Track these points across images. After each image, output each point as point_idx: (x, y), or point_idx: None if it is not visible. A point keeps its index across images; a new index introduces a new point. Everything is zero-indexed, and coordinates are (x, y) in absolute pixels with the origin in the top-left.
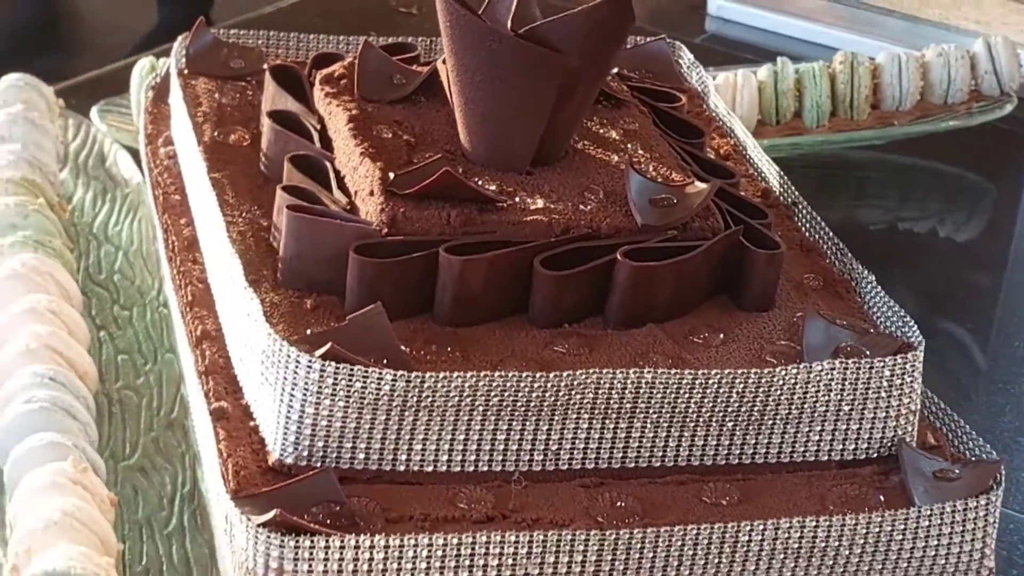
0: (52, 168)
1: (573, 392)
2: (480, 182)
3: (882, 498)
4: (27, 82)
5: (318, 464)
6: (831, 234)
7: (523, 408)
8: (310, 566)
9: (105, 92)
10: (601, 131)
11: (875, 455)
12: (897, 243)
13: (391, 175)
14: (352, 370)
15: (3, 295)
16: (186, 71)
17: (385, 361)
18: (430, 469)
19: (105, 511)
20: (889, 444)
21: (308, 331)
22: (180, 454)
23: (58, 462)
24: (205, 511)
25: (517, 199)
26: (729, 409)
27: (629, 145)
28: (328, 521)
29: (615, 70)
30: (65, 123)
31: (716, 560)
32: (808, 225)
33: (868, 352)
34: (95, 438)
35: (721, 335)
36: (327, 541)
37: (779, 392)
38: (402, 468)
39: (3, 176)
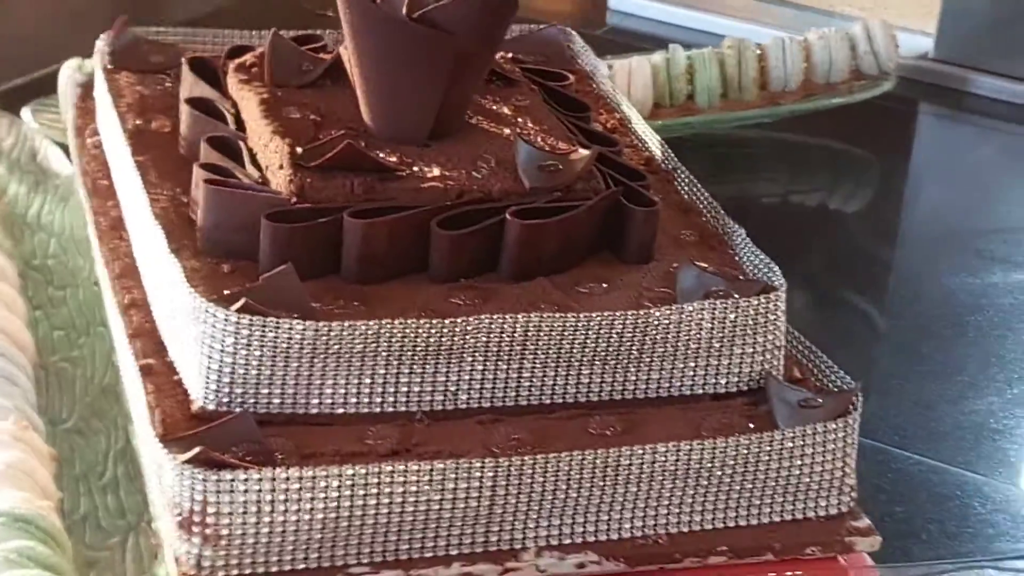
0: None
1: (467, 336)
2: (381, 154)
3: (751, 425)
4: None
5: (237, 409)
6: (707, 195)
7: (422, 352)
8: (231, 497)
9: (36, 94)
10: (494, 107)
11: (745, 388)
12: (790, 215)
13: (299, 150)
14: (265, 322)
15: None
16: (109, 66)
17: (296, 314)
18: (340, 411)
19: (45, 464)
20: (758, 378)
21: (225, 291)
22: (113, 416)
23: (1, 422)
24: (137, 465)
25: (415, 168)
26: (610, 348)
27: (519, 119)
28: (248, 458)
29: (510, 54)
30: None
31: (600, 483)
32: (686, 188)
33: (736, 295)
34: (34, 402)
35: (604, 285)
36: (246, 474)
37: (654, 331)
38: (315, 411)
39: None
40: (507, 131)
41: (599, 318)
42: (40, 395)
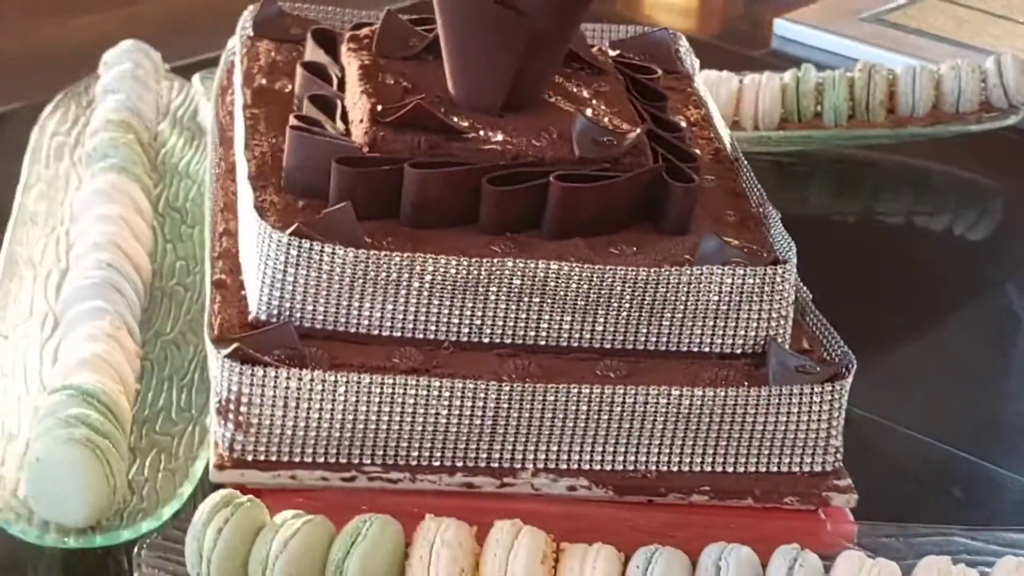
0: (149, 116)
1: (492, 275)
2: (455, 119)
3: (747, 382)
4: (137, 47)
5: (284, 321)
6: (758, 185)
7: (451, 286)
8: (262, 391)
9: (213, 64)
10: (575, 90)
11: (750, 351)
12: (914, 237)
13: (379, 108)
14: (312, 245)
15: (88, 204)
16: (251, 34)
17: (343, 244)
18: (375, 332)
19: (130, 361)
20: (762, 342)
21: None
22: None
23: (99, 320)
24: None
25: (481, 133)
26: (624, 301)
27: (594, 101)
28: (284, 360)
29: (614, 53)
30: (171, 85)
31: (596, 416)
32: (744, 178)
33: (748, 264)
34: (137, 312)
35: (634, 248)
36: (276, 371)
37: (665, 289)
38: (352, 330)
39: (105, 117)
40: (580, 110)
41: (615, 271)
42: (153, 310)
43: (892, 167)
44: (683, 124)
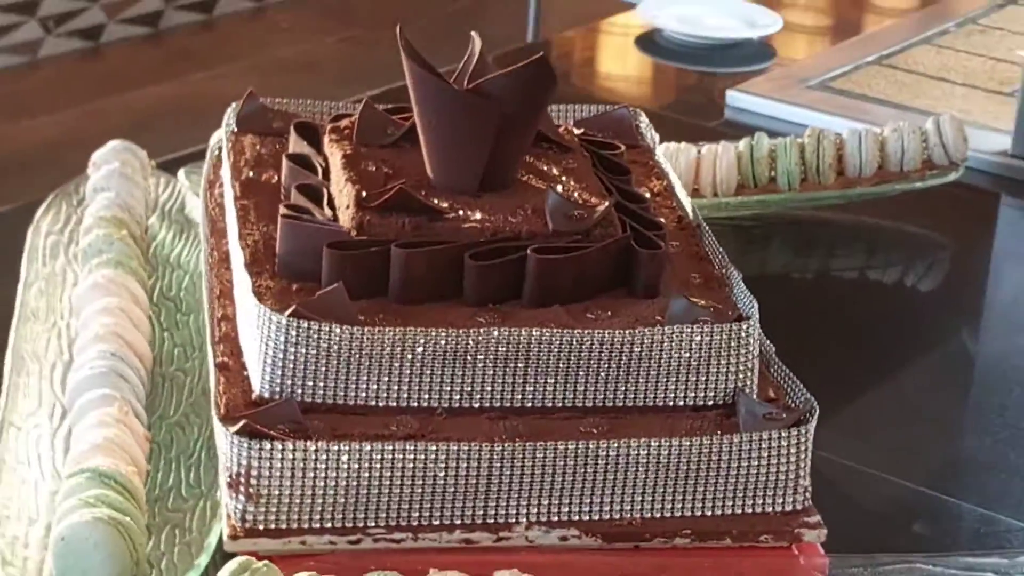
0: (139, 211)
1: (480, 345)
2: (435, 200)
3: (719, 431)
4: (125, 147)
5: (287, 397)
6: (720, 248)
7: (442, 357)
8: (270, 463)
9: (196, 159)
10: (545, 168)
11: (721, 402)
12: (869, 290)
13: (364, 194)
14: (309, 325)
15: (87, 298)
16: (235, 129)
17: (338, 322)
18: (372, 403)
19: (140, 444)
20: (732, 393)
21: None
22: (208, 413)
23: (107, 407)
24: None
25: (461, 212)
26: (603, 362)
27: (564, 178)
28: (289, 433)
29: (580, 131)
30: (157, 180)
31: (583, 470)
32: (707, 242)
33: (714, 322)
34: (142, 397)
35: (609, 312)
36: (283, 444)
37: (639, 349)
38: (351, 402)
39: (98, 214)
40: (551, 187)
41: (592, 334)
42: (156, 395)
43: (845, 225)
44: (647, 195)
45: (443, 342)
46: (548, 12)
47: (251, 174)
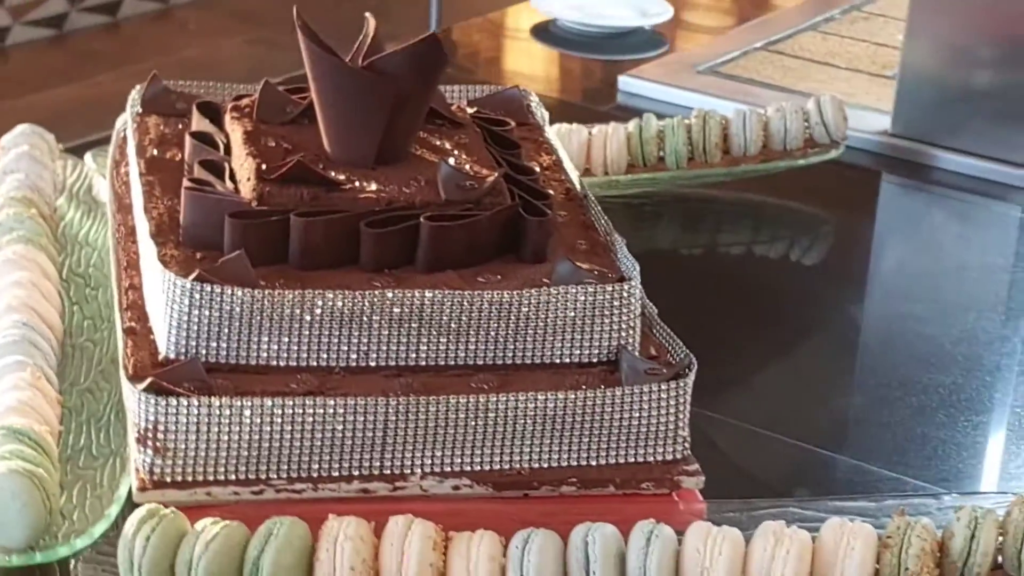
0: (48, 191)
1: (375, 306)
2: (332, 172)
3: (603, 385)
4: (33, 130)
5: (192, 357)
6: (605, 217)
7: (339, 318)
8: (176, 419)
9: (102, 143)
10: (438, 143)
11: (605, 359)
12: (755, 263)
13: (263, 167)
14: (212, 288)
15: (1, 272)
16: (139, 111)
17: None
18: (274, 363)
19: (51, 405)
20: (616, 350)
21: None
22: (117, 379)
23: (21, 372)
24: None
25: (356, 184)
26: (491, 321)
27: (456, 151)
28: (193, 390)
29: (472, 110)
30: (65, 163)
31: (473, 423)
32: (593, 211)
33: (597, 283)
34: (54, 364)
35: (499, 276)
36: (188, 401)
37: (527, 309)
38: (253, 362)
39: (8, 195)
40: (444, 160)
41: (482, 295)
42: (67, 364)
43: (731, 202)
44: (537, 169)
45: (340, 304)
46: (448, 11)
47: (155, 152)
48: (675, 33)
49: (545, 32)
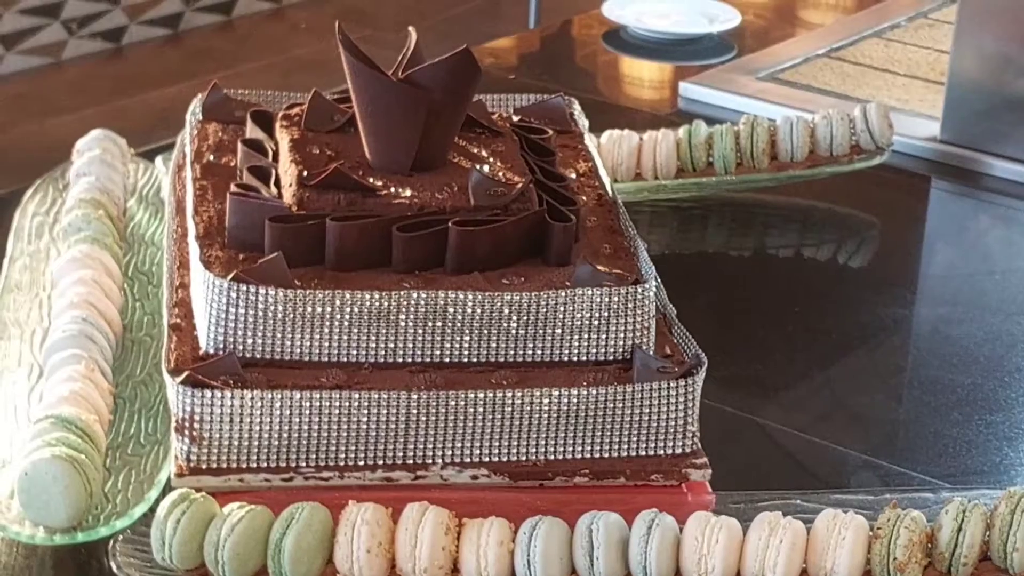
0: (117, 193)
1: (401, 306)
2: (370, 179)
3: (616, 382)
4: (106, 135)
5: (228, 352)
6: (631, 223)
7: (367, 316)
8: (212, 410)
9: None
10: (475, 151)
11: (620, 357)
12: (802, 266)
13: (305, 173)
14: (248, 288)
15: (65, 271)
16: (200, 118)
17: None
18: (306, 359)
19: (104, 397)
20: (630, 350)
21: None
22: None
23: (75, 365)
24: None
25: (392, 190)
26: (511, 322)
27: (491, 159)
28: (229, 383)
29: (517, 118)
30: (137, 166)
31: (491, 416)
32: (621, 217)
33: (614, 285)
34: (109, 358)
35: (523, 278)
36: (223, 393)
37: (546, 309)
38: (287, 357)
39: (78, 197)
40: (478, 167)
41: (502, 296)
42: (125, 357)
43: (779, 206)
44: (572, 175)
45: (368, 303)
46: (548, 9)
47: (211, 158)
48: (741, 37)
49: (616, 38)
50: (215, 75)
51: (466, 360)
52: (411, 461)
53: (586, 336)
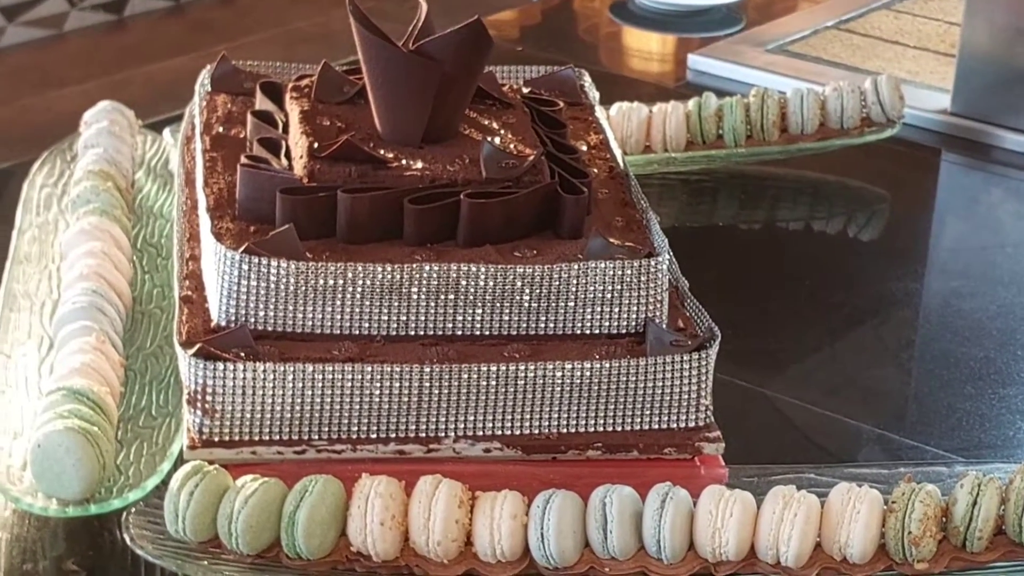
0: (126, 165)
1: (414, 279)
2: (381, 151)
3: (629, 356)
4: (113, 107)
5: (240, 324)
6: (643, 195)
7: (379, 289)
8: (224, 382)
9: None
10: (486, 122)
11: (633, 331)
12: (812, 238)
13: (315, 145)
14: (259, 260)
15: (75, 243)
16: (209, 89)
17: (287, 258)
18: (318, 331)
19: (115, 368)
20: (642, 323)
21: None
22: None
23: (86, 337)
24: None
25: (403, 162)
26: (524, 294)
27: (502, 131)
28: (241, 356)
29: (527, 90)
30: (144, 138)
31: (504, 389)
32: (633, 189)
33: (627, 258)
34: (120, 329)
35: (535, 251)
36: (235, 365)
37: (558, 282)
38: (299, 330)
39: (87, 168)
40: (489, 139)
41: (515, 269)
42: (135, 329)
43: (788, 179)
44: (583, 148)
45: (380, 275)
46: None
47: (220, 129)
48: (752, 11)
49: (623, 10)
50: (217, 47)
51: (478, 333)
52: (423, 434)
53: (599, 309)
